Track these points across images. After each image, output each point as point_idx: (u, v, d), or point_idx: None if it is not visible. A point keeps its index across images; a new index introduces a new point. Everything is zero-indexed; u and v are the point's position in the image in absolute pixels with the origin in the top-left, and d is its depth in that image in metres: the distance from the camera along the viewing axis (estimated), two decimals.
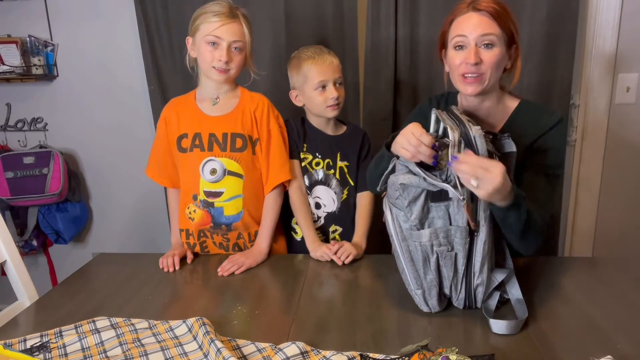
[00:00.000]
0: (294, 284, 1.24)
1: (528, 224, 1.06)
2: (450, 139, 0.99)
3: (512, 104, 1.27)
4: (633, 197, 2.08)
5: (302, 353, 0.91)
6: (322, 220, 1.53)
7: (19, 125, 2.30)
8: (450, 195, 0.99)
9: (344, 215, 1.53)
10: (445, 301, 1.09)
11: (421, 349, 0.85)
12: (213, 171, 1.42)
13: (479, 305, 1.07)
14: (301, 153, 1.52)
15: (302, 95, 1.50)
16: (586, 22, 1.91)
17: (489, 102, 1.25)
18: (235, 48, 1.37)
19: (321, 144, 1.53)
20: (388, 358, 0.91)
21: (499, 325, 0.99)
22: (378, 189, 1.18)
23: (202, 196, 1.44)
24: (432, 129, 1.11)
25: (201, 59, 1.39)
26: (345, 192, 1.53)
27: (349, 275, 1.31)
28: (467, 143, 1.00)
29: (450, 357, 0.79)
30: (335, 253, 1.36)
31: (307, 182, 1.52)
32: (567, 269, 1.28)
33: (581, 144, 2.01)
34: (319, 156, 1.52)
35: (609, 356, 0.88)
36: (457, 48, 1.19)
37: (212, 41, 1.35)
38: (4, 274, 1.30)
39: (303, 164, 1.52)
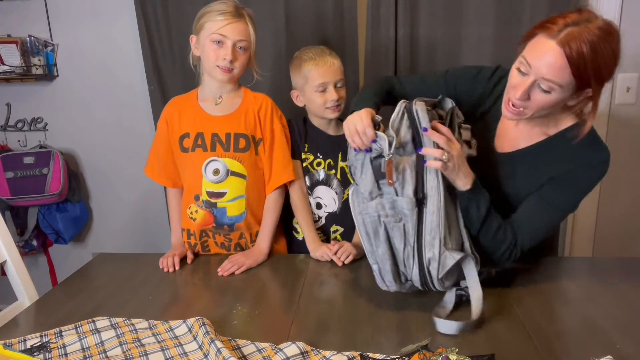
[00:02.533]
0: (294, 284, 1.24)
1: (487, 224, 1.10)
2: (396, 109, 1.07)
3: (565, 122, 1.15)
4: (633, 197, 2.08)
5: (302, 353, 0.92)
6: (323, 220, 1.53)
7: (19, 125, 2.30)
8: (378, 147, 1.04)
9: (345, 216, 1.52)
10: (406, 284, 1.08)
11: (421, 349, 0.85)
12: (216, 171, 1.41)
13: (435, 284, 1.04)
14: (302, 153, 1.52)
15: (303, 96, 1.50)
16: None
17: (533, 122, 1.16)
18: (240, 47, 1.37)
19: (322, 144, 1.52)
20: (388, 358, 0.91)
21: (443, 325, 0.99)
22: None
23: (204, 196, 1.43)
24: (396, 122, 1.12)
25: (205, 57, 1.38)
26: (347, 192, 1.53)
27: (349, 275, 1.31)
28: (410, 116, 1.05)
29: (450, 357, 0.79)
30: (335, 253, 1.36)
31: (308, 183, 1.52)
32: (567, 269, 1.29)
33: None
34: (320, 156, 1.52)
35: (609, 356, 0.88)
36: (518, 69, 1.05)
37: (217, 40, 1.34)
38: (4, 274, 1.30)
39: (304, 164, 1.52)
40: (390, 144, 1.01)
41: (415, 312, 1.08)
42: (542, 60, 0.99)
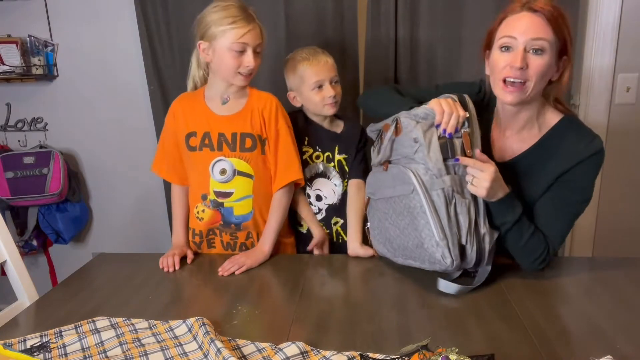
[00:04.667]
0: (294, 284, 1.24)
1: (514, 233, 1.16)
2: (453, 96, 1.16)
3: (553, 119, 1.20)
4: (633, 197, 2.08)
5: (302, 353, 0.92)
6: (323, 213, 1.54)
7: (19, 125, 2.30)
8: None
9: (345, 208, 1.53)
10: (463, 262, 1.13)
11: (421, 349, 0.85)
12: (223, 171, 1.41)
13: (486, 257, 1.14)
14: (303, 147, 1.53)
15: (300, 96, 1.52)
16: (586, 22, 1.91)
17: (527, 112, 1.19)
18: (257, 51, 1.37)
19: (321, 138, 1.54)
20: (388, 358, 0.91)
21: (446, 285, 1.13)
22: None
23: (212, 196, 1.43)
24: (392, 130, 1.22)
25: (224, 65, 1.35)
26: (345, 183, 1.54)
27: (349, 275, 1.31)
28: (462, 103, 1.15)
29: (450, 357, 0.78)
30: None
31: (307, 175, 1.53)
32: (567, 269, 1.28)
33: None
34: (319, 149, 1.54)
35: (609, 356, 0.88)
36: (503, 49, 1.11)
37: (240, 49, 1.33)
38: (4, 274, 1.30)
39: (304, 157, 1.53)
40: (466, 120, 1.13)
41: (415, 311, 1.08)
42: (523, 26, 1.08)
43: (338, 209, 1.54)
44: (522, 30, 1.08)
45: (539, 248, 1.18)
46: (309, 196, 1.55)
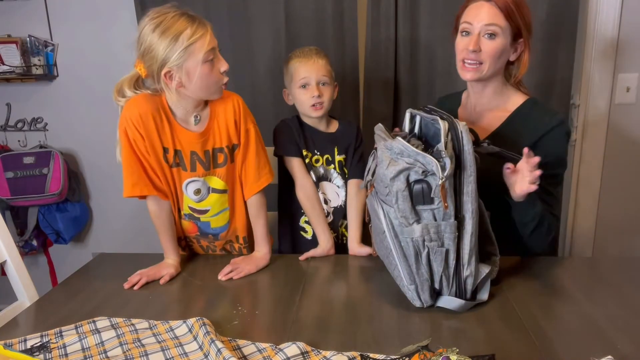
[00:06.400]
0: (294, 284, 1.24)
1: (541, 222, 1.20)
2: (441, 127, 1.02)
3: (517, 100, 1.32)
4: (633, 197, 2.08)
5: (302, 353, 0.92)
6: (331, 216, 1.53)
7: (19, 125, 2.30)
8: (434, 170, 0.98)
9: None
10: (434, 295, 1.09)
11: (422, 349, 0.85)
12: (197, 191, 1.35)
13: (468, 296, 1.08)
14: (303, 151, 1.51)
15: (291, 94, 1.52)
16: (586, 22, 1.91)
17: (490, 89, 1.32)
18: (220, 49, 1.26)
19: (318, 141, 1.53)
20: (388, 358, 0.91)
21: (448, 302, 1.07)
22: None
23: (186, 211, 1.39)
24: (406, 128, 1.19)
25: (206, 82, 1.23)
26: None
27: (349, 275, 1.31)
28: (455, 136, 1.03)
29: (450, 357, 0.78)
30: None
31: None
32: (567, 269, 1.29)
33: (581, 144, 2.01)
34: (318, 153, 1.53)
35: (609, 356, 0.88)
36: (463, 34, 1.27)
37: (212, 57, 1.21)
38: (4, 274, 1.30)
39: (306, 161, 1.51)
40: (443, 168, 0.97)
41: (416, 312, 1.08)
42: (480, 14, 1.24)
43: (344, 211, 1.53)
44: (478, 18, 1.23)
45: (550, 235, 1.24)
46: None
